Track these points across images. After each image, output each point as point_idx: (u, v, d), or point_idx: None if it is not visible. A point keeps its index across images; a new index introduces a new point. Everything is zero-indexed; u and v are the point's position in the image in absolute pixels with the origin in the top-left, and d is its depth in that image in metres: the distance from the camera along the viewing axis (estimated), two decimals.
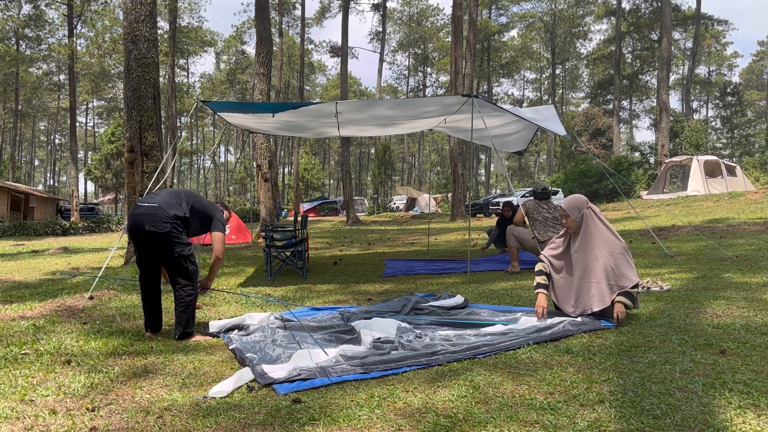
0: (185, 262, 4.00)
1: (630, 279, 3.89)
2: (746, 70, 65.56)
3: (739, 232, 9.24)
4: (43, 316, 4.70)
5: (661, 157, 25.74)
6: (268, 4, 16.91)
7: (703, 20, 43.85)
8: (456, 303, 4.75)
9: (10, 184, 32.32)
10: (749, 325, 3.66)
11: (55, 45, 40.25)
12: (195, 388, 2.92)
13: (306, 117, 7.92)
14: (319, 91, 62.77)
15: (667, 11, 27.24)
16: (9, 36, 40.56)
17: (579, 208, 4.12)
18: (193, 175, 75.08)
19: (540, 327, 3.77)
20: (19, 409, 2.59)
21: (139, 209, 3.99)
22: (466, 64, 22.96)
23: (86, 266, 9.93)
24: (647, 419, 2.29)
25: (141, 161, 8.56)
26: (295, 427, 2.36)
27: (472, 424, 2.32)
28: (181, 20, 41.40)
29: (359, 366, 3.08)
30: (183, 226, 4.05)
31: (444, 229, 17.05)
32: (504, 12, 51.78)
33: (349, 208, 25.27)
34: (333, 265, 8.60)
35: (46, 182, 76.76)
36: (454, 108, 7.51)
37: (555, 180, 29.94)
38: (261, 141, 15.99)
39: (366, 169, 66.97)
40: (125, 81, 8.81)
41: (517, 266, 7.09)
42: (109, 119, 57.58)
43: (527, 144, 9.48)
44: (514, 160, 64.06)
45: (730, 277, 5.50)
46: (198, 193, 4.39)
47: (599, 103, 49.96)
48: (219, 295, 5.84)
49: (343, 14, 27.06)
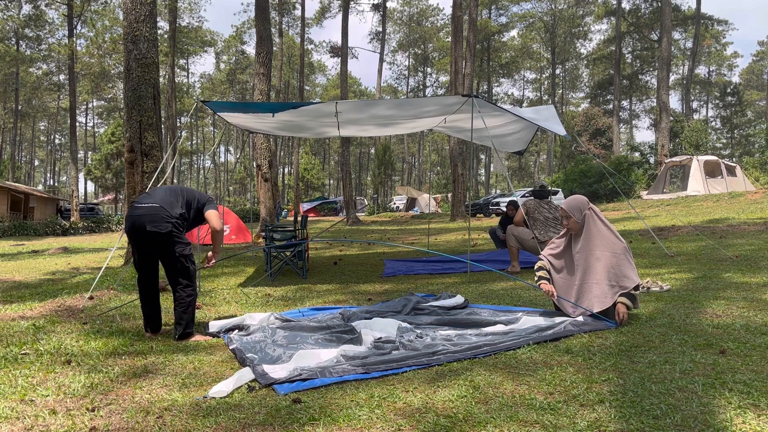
0: (186, 261, 4.00)
1: (631, 279, 3.89)
2: (746, 70, 65.54)
3: (739, 232, 9.24)
4: (43, 316, 4.70)
5: (661, 157, 25.74)
6: (268, 4, 16.91)
7: (703, 20, 43.85)
8: (456, 303, 4.75)
9: (10, 184, 32.31)
10: (749, 325, 3.66)
11: (55, 45, 40.26)
12: (195, 388, 2.92)
13: (306, 117, 7.92)
14: (319, 91, 62.77)
15: (667, 11, 27.24)
16: (9, 36, 40.56)
17: (581, 210, 4.12)
18: (193, 175, 75.08)
19: (541, 327, 3.77)
20: (19, 409, 2.59)
21: (139, 210, 3.97)
22: (466, 64, 22.96)
23: (86, 266, 9.93)
24: (647, 419, 2.29)
25: (141, 161, 8.56)
26: (295, 427, 2.36)
27: (472, 424, 2.32)
28: (181, 20, 41.44)
29: (360, 366, 3.08)
30: (183, 225, 4.05)
31: (444, 229, 17.05)
32: (504, 12, 51.79)
33: (349, 207, 25.27)
34: (333, 265, 8.60)
35: (46, 182, 76.76)
36: (454, 108, 7.51)
37: (555, 180, 29.94)
38: (261, 141, 15.99)
39: (366, 169, 66.98)
40: (125, 81, 8.81)
41: (517, 266, 7.09)
42: (109, 119, 57.58)
43: (527, 144, 9.48)
44: (514, 160, 64.05)
45: (730, 277, 5.50)
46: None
47: (599, 103, 49.95)
48: (219, 295, 5.84)
49: (343, 14, 27.07)
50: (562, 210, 4.17)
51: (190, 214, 4.15)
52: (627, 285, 3.88)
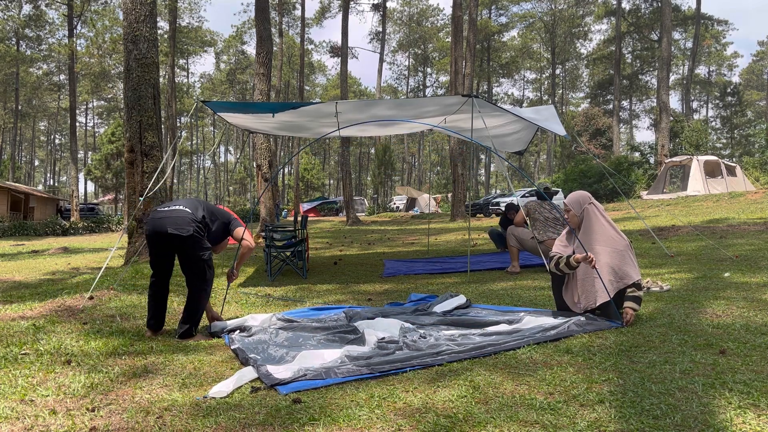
0: (205, 265, 4.02)
1: (630, 276, 3.90)
2: (746, 70, 65.52)
3: (739, 232, 9.24)
4: (43, 316, 4.70)
5: (661, 157, 25.74)
6: (268, 4, 16.92)
7: (703, 20, 43.85)
8: (459, 303, 4.76)
9: (10, 184, 32.31)
10: (749, 325, 3.66)
11: (55, 45, 40.28)
12: (195, 388, 2.92)
13: (306, 117, 7.92)
14: (319, 91, 62.76)
15: (667, 11, 27.24)
16: (9, 36, 40.56)
17: (580, 203, 4.14)
18: (193, 175, 75.07)
19: (545, 327, 3.77)
20: (19, 409, 2.59)
21: (161, 213, 4.01)
22: (466, 64, 22.96)
23: (86, 266, 9.93)
24: (647, 419, 2.29)
25: (141, 161, 8.56)
26: (295, 427, 2.36)
27: (472, 424, 2.32)
28: (181, 20, 41.43)
29: (365, 366, 3.07)
30: (204, 229, 4.07)
31: (444, 229, 17.05)
32: (504, 12, 51.78)
33: (349, 208, 25.27)
34: (333, 265, 8.59)
35: (46, 182, 76.74)
36: (454, 108, 7.52)
37: (555, 180, 29.96)
38: (261, 141, 15.99)
39: (366, 169, 66.97)
40: (125, 81, 8.81)
41: (517, 266, 7.10)
42: (109, 119, 57.56)
43: (527, 144, 9.48)
44: (514, 160, 63.98)
45: (730, 277, 5.50)
46: (199, 194, 4.46)
47: (599, 103, 49.96)
48: (220, 295, 5.84)
49: (343, 14, 27.06)
50: (564, 203, 4.21)
51: (213, 225, 4.18)
52: (627, 281, 3.88)
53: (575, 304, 4.07)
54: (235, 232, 4.30)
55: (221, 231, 4.27)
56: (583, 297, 4.03)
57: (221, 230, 4.27)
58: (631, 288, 3.91)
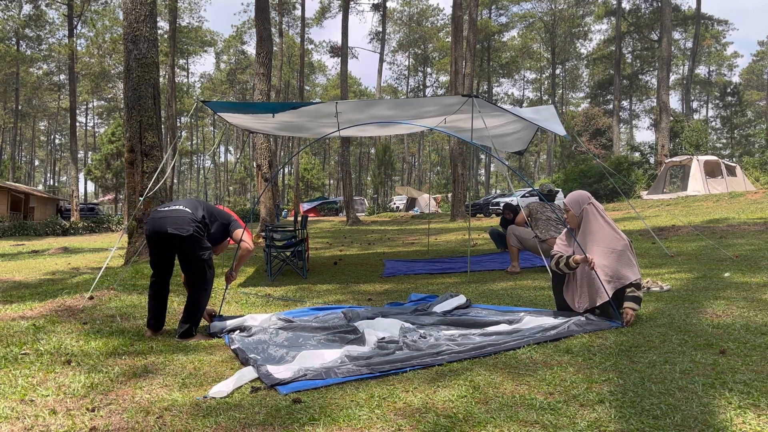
0: (205, 265, 4.02)
1: (627, 277, 3.89)
2: (746, 70, 65.53)
3: (739, 232, 9.24)
4: (43, 316, 4.70)
5: (661, 157, 25.74)
6: (268, 4, 16.92)
7: (703, 20, 43.85)
8: (459, 303, 4.76)
9: (10, 184, 32.31)
10: (749, 325, 3.66)
11: (55, 45, 40.28)
12: (195, 388, 2.92)
13: (306, 117, 7.92)
14: (319, 91, 62.76)
15: (667, 11, 27.24)
16: (9, 36, 40.56)
17: (579, 203, 4.14)
18: (193, 175, 75.08)
19: (545, 327, 3.77)
20: (19, 409, 2.59)
21: (161, 213, 4.01)
22: (466, 64, 22.95)
23: (86, 266, 9.93)
24: (647, 419, 2.29)
25: (141, 161, 8.56)
26: (295, 427, 2.36)
27: (472, 424, 2.32)
28: (181, 20, 41.43)
29: (365, 366, 3.07)
30: (204, 229, 4.07)
31: (444, 229, 17.04)
32: (504, 12, 51.78)
33: (349, 208, 25.26)
34: (333, 265, 8.59)
35: (46, 182, 76.74)
36: (454, 108, 7.52)
37: (555, 180, 29.95)
38: (261, 141, 16.00)
39: (366, 169, 66.97)
40: (125, 81, 8.81)
41: (517, 266, 7.10)
42: (109, 119, 57.56)
43: (527, 144, 9.48)
44: (514, 160, 64.02)
45: (730, 277, 5.50)
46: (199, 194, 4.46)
47: (599, 103, 49.95)
48: (220, 295, 5.83)
49: (343, 14, 27.06)
50: (564, 203, 4.22)
51: (212, 226, 4.18)
52: (624, 281, 3.88)
53: (575, 304, 4.07)
54: (234, 234, 4.30)
55: (220, 232, 4.27)
56: (583, 297, 4.03)
57: (220, 231, 4.26)
58: (630, 288, 3.91)
